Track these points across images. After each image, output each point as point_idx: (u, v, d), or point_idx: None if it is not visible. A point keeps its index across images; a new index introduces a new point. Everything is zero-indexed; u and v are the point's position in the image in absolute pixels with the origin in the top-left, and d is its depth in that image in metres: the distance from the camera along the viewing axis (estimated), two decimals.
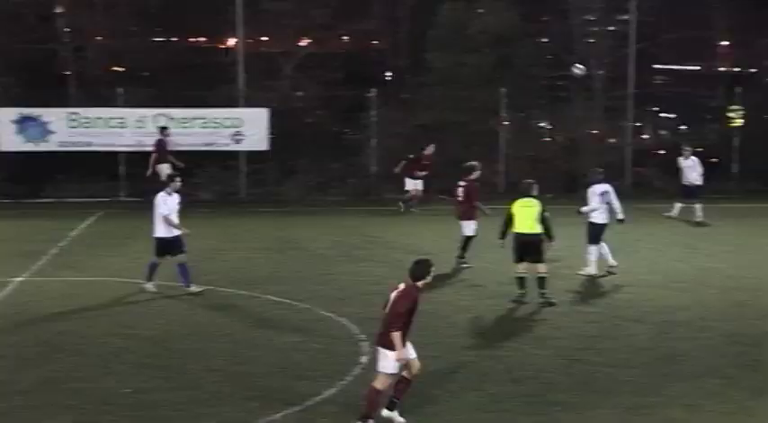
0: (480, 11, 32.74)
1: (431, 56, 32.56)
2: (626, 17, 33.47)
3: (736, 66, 39.18)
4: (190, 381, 12.55)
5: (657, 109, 39.44)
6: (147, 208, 17.96)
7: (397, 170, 27.72)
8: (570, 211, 19.37)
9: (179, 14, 34.31)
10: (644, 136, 38.17)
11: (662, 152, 35.15)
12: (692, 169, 25.32)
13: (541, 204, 16.57)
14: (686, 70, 42.04)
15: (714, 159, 32.02)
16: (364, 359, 13.24)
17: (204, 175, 30.50)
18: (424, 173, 27.38)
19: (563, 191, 28.67)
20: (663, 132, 39.92)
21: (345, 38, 38.14)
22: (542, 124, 35.94)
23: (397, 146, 30.36)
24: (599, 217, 18.65)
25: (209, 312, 16.33)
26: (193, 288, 17.30)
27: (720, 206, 26.33)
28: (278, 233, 24.02)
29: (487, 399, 11.80)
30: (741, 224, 24.57)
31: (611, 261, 18.80)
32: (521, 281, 16.69)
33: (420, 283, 10.82)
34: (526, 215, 16.55)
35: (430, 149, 27.60)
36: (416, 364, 10.94)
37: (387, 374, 10.76)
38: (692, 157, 25.56)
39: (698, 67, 40.88)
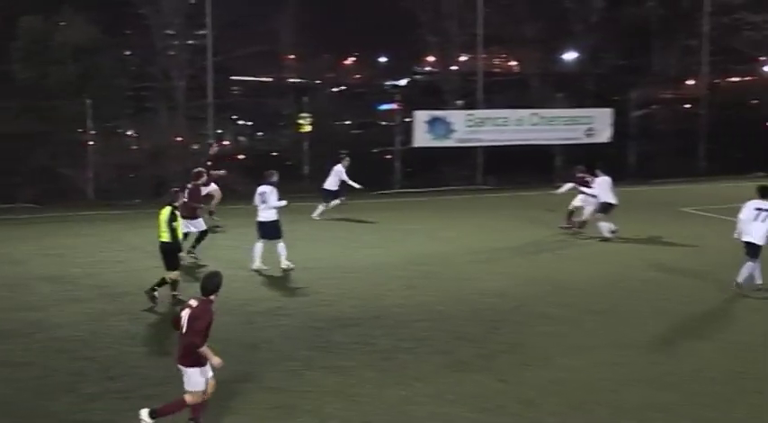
0: (62, 23, 31.66)
1: (14, 67, 31.04)
2: (203, 32, 33.77)
3: (302, 77, 40.76)
4: None
5: (236, 117, 40.20)
6: None
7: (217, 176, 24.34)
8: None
9: None
10: (225, 142, 38.71)
11: (242, 157, 35.95)
12: (342, 173, 25.82)
13: (171, 213, 16.15)
14: (260, 81, 43.18)
15: (288, 162, 33.31)
16: None
17: None
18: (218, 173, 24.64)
19: (151, 196, 28.52)
20: (242, 138, 40.76)
21: None
22: (129, 133, 35.44)
23: None
24: (264, 215, 18.81)
25: None
26: None
27: (300, 205, 27.15)
28: None
29: (84, 398, 11.42)
30: (310, 220, 25.56)
31: (257, 264, 18.90)
32: (174, 283, 16.38)
33: (213, 297, 10.31)
34: (160, 223, 16.26)
35: (214, 149, 25.88)
36: (211, 383, 10.43)
37: (195, 392, 10.22)
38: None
39: (270, 79, 42.06)
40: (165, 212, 16.14)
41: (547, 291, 17.30)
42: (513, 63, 45.46)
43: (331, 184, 25.86)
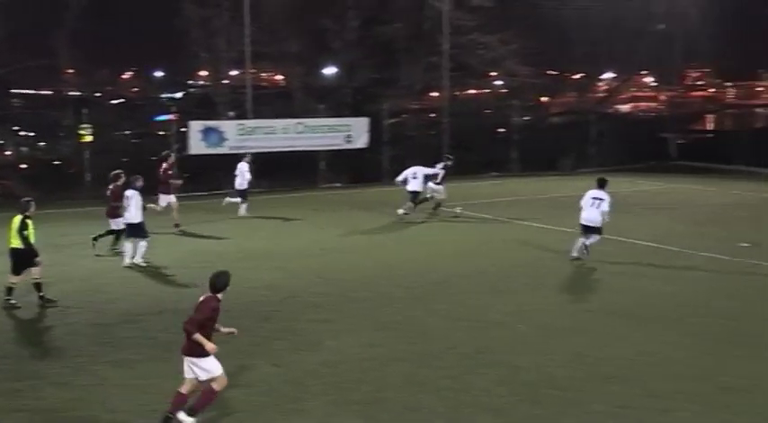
0: None
1: None
2: None
3: (81, 90, 39.25)
4: None
5: (17, 128, 38.26)
6: None
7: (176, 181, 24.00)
8: None
9: None
10: (7, 152, 36.79)
11: (24, 166, 34.36)
12: (246, 170, 25.91)
13: (21, 221, 15.22)
14: (40, 94, 41.29)
15: (71, 171, 32.03)
16: None
17: None
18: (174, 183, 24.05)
19: None
20: (23, 149, 38.82)
21: None
22: None
23: None
24: (132, 217, 18.68)
25: None
26: None
27: (80, 211, 26.26)
28: None
29: None
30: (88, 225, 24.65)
31: (138, 258, 18.90)
32: (9, 289, 15.45)
33: (220, 295, 9.80)
34: (11, 230, 15.38)
35: (171, 159, 24.40)
36: (223, 380, 9.87)
37: (216, 376, 9.72)
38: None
39: (50, 92, 40.29)
40: (17, 221, 15.37)
41: (314, 282, 17.46)
42: (279, 77, 45.56)
43: (240, 183, 26.06)
